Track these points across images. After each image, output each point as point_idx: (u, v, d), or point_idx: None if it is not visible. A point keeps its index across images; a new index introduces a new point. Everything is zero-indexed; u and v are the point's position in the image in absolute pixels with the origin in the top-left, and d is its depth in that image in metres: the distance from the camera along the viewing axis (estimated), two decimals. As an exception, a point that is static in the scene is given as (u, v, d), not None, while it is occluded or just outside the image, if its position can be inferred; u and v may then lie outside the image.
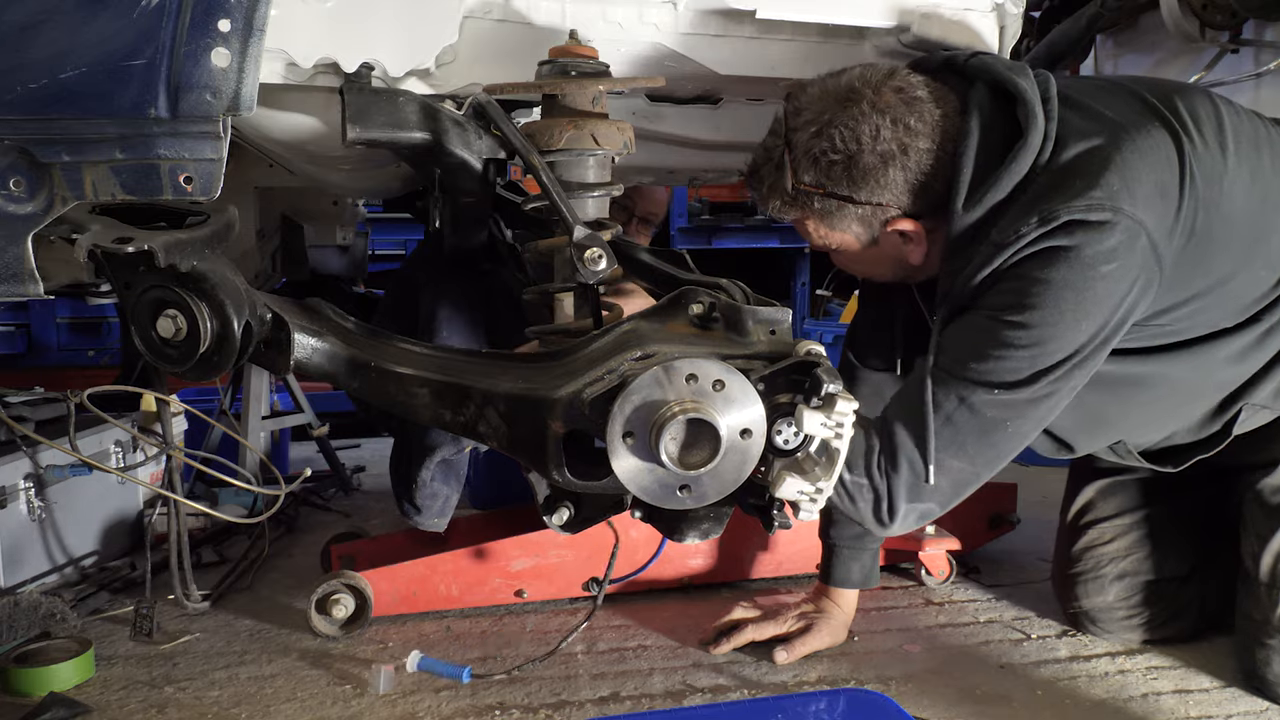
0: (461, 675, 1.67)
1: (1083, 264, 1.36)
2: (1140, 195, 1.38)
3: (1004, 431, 1.43)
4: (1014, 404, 1.41)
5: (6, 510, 2.01)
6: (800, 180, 1.48)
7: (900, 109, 1.43)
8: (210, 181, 1.11)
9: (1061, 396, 1.43)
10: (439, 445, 1.88)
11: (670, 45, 1.50)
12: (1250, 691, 1.68)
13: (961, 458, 1.43)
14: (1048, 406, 1.43)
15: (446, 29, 1.37)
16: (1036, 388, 1.40)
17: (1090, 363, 1.42)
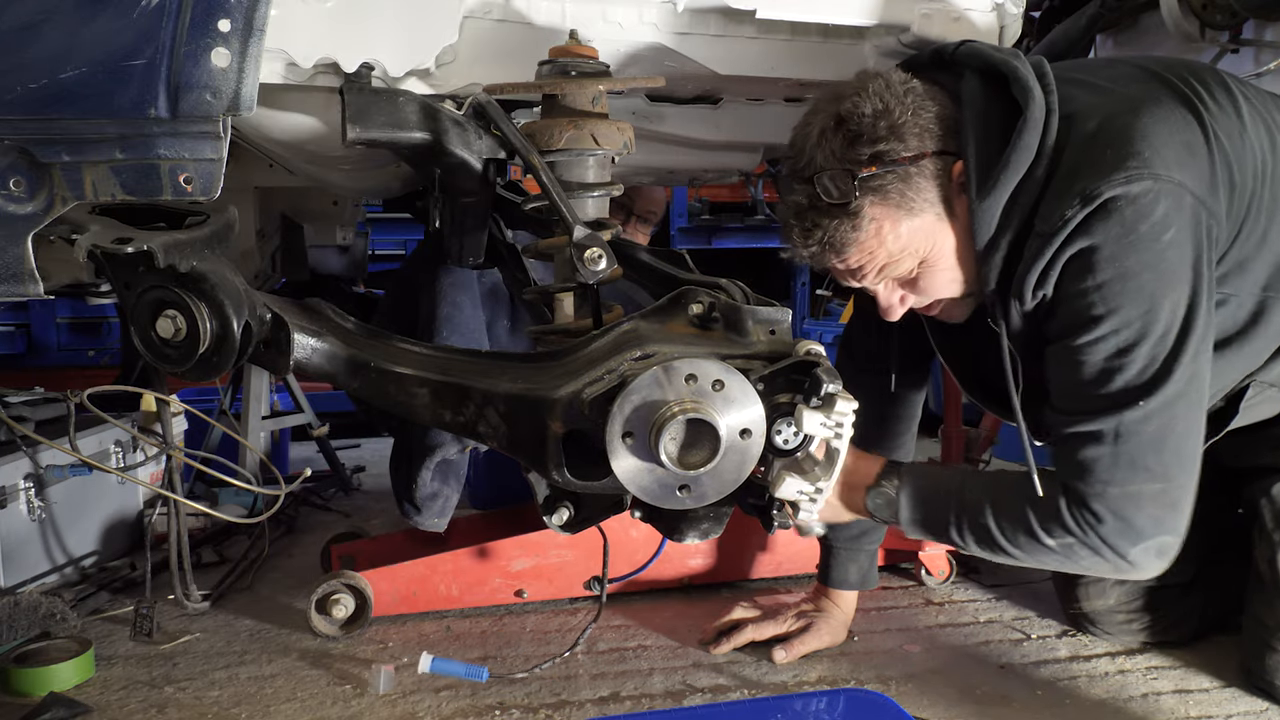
0: (481, 675, 1.65)
1: (1144, 243, 1.31)
2: (1171, 158, 1.33)
3: (1175, 432, 1.35)
4: (1167, 403, 1.33)
5: (6, 510, 2.01)
6: (854, 172, 1.36)
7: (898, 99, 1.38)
8: (210, 181, 1.11)
9: (1203, 368, 1.36)
10: (439, 445, 1.88)
11: (670, 45, 1.50)
12: (1253, 693, 1.68)
13: (1151, 480, 1.34)
14: (1198, 386, 1.36)
15: (446, 29, 1.37)
16: (1176, 376, 1.32)
17: (1207, 324, 1.35)
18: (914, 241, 1.43)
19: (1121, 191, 1.30)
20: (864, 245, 1.42)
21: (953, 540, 1.47)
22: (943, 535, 1.48)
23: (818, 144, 1.39)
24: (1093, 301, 1.34)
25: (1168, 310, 1.33)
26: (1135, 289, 1.32)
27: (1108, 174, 1.31)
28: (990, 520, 1.44)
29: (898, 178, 1.38)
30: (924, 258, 1.46)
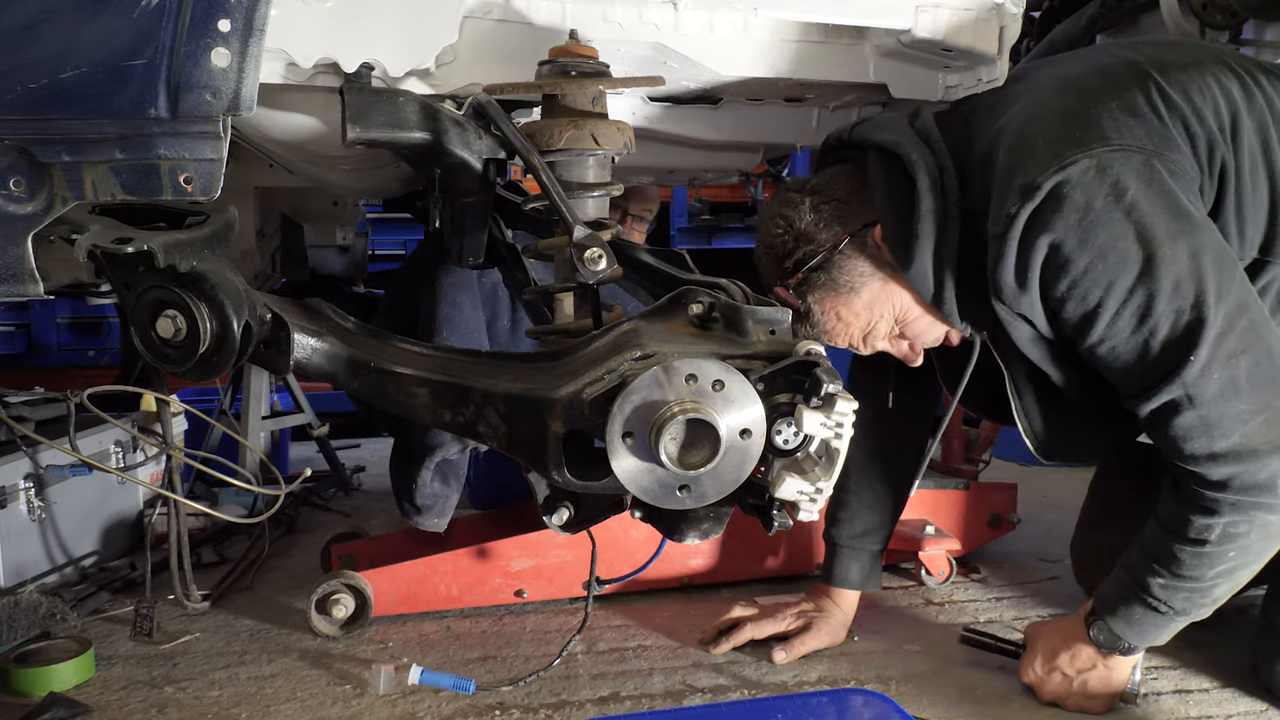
0: (467, 687, 1.63)
1: (1105, 216, 1.31)
2: (1108, 126, 1.35)
3: (1246, 363, 1.32)
4: (1219, 340, 1.31)
5: (6, 510, 2.01)
6: (788, 284, 1.55)
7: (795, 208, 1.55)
8: (210, 181, 1.11)
9: (1238, 288, 1.33)
10: (439, 445, 1.88)
11: (670, 45, 1.50)
12: (1252, 690, 1.68)
13: (1248, 418, 1.33)
14: (1243, 309, 1.33)
15: (446, 29, 1.37)
16: (1212, 312, 1.30)
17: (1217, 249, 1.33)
18: (875, 309, 1.55)
19: (1062, 178, 1.31)
20: (834, 331, 1.57)
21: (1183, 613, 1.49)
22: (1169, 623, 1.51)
23: (764, 275, 1.60)
24: (1086, 292, 1.35)
25: (1166, 259, 1.31)
26: (1118, 259, 1.32)
27: (1044, 165, 1.33)
28: (1166, 575, 1.46)
29: (824, 271, 1.52)
30: (896, 317, 1.55)
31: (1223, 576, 1.44)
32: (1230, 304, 1.32)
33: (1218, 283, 1.31)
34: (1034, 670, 1.63)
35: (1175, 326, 1.32)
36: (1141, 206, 1.31)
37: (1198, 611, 1.50)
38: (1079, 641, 1.57)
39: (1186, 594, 1.47)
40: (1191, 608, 1.49)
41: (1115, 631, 1.53)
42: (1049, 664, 1.61)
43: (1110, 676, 1.58)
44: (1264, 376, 1.33)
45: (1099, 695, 1.59)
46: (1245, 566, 1.44)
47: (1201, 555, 1.42)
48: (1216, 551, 1.41)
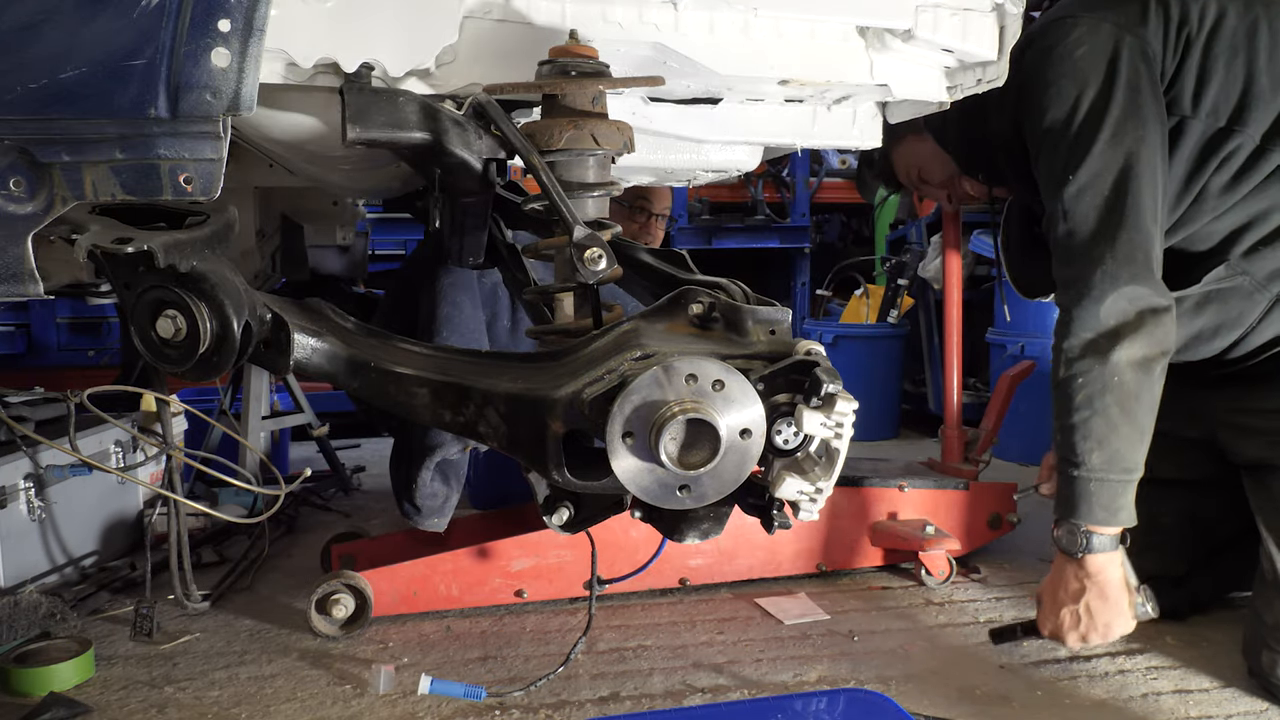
0: (479, 695, 1.63)
1: (1058, 58, 1.68)
2: (1098, 2, 1.71)
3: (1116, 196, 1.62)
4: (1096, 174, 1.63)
5: (6, 510, 2.01)
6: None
7: None
8: (210, 181, 1.11)
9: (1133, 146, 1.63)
10: (439, 445, 1.88)
11: (670, 45, 1.50)
12: (1252, 690, 1.68)
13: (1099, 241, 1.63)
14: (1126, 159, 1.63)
15: (446, 29, 1.37)
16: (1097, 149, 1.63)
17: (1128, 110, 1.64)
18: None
19: (1041, 30, 1.73)
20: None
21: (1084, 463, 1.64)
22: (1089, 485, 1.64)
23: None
24: (1032, 111, 1.72)
25: (1086, 104, 1.66)
26: (1055, 93, 1.69)
27: (1041, 23, 1.75)
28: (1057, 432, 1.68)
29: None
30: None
31: (1082, 409, 1.63)
32: (1117, 146, 1.63)
33: (1114, 127, 1.64)
34: (1047, 620, 1.72)
35: (1071, 152, 1.65)
36: (1089, 58, 1.67)
37: (1095, 458, 1.63)
38: (1060, 567, 1.70)
39: (1071, 438, 1.64)
40: (1086, 453, 1.63)
41: (1068, 525, 1.66)
42: (1052, 606, 1.70)
43: (1103, 592, 1.65)
44: (1128, 211, 1.62)
45: (1104, 614, 1.66)
46: (1095, 397, 1.62)
47: (1060, 390, 1.66)
48: (1066, 377, 1.64)
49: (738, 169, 2.14)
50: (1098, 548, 1.64)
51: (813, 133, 1.88)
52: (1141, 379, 1.62)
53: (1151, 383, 1.64)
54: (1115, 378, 1.61)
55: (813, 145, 1.89)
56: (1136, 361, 1.61)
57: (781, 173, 5.25)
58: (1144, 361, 1.61)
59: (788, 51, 1.58)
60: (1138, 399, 1.63)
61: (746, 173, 2.35)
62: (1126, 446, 1.63)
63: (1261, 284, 1.74)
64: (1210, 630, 1.94)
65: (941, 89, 1.71)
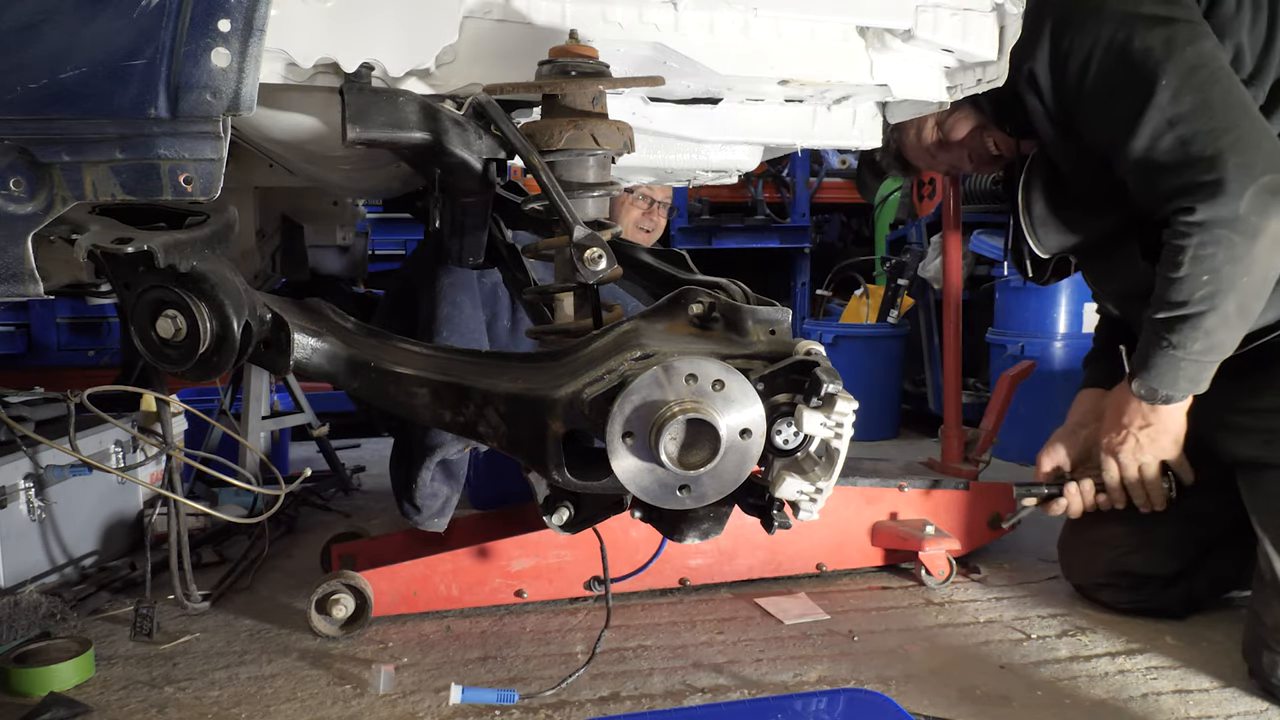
0: (512, 698, 1.62)
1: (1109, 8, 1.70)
2: None
3: (1215, 91, 1.63)
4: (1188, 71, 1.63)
5: (6, 510, 2.01)
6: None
7: None
8: (210, 181, 1.11)
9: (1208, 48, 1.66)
10: (439, 445, 1.88)
11: (670, 45, 1.50)
12: (1252, 690, 1.68)
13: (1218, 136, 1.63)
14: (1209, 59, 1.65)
15: (446, 29, 1.37)
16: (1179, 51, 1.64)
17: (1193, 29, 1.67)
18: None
19: None
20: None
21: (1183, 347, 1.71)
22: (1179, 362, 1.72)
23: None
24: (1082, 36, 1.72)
25: (1147, 17, 1.67)
26: (1110, 13, 1.70)
27: None
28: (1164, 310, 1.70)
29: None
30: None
31: (1203, 301, 1.66)
32: (1198, 49, 1.64)
33: (1186, 36, 1.65)
34: (1108, 434, 1.89)
35: (1146, 58, 1.66)
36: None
37: (1196, 346, 1.69)
38: (1130, 400, 1.81)
39: (1180, 324, 1.69)
40: (1189, 340, 1.69)
41: (1148, 383, 1.76)
42: (1115, 425, 1.86)
43: (1166, 428, 1.81)
44: (1232, 103, 1.63)
45: (1161, 442, 1.83)
46: (1220, 293, 1.64)
47: (1179, 281, 1.67)
48: (1190, 274, 1.65)
49: (738, 169, 2.14)
50: (1174, 401, 1.77)
51: (813, 133, 1.88)
52: (1268, 276, 1.66)
53: (1274, 276, 1.67)
54: (1245, 277, 1.63)
55: (813, 145, 1.89)
56: (1270, 261, 1.64)
57: (781, 173, 5.25)
58: (1274, 263, 1.64)
59: (788, 51, 1.58)
60: (1258, 296, 1.67)
61: (746, 173, 2.35)
62: (1230, 337, 1.69)
63: None
64: (1210, 630, 1.94)
65: (941, 89, 1.71)
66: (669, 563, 2.10)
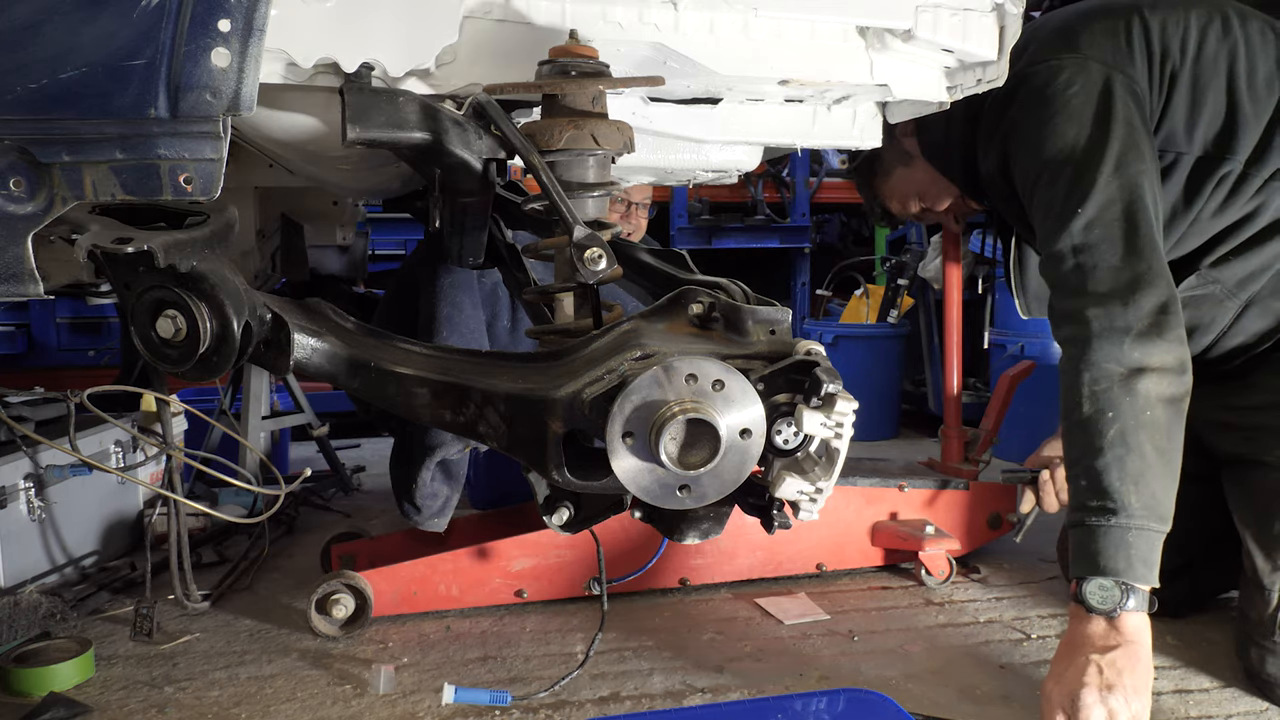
0: (504, 699, 1.61)
1: (1053, 100, 1.69)
2: (1084, 42, 1.72)
3: (1125, 228, 1.60)
4: (1104, 205, 1.61)
5: (6, 510, 2.01)
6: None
7: None
8: (210, 181, 1.11)
9: (1135, 177, 1.62)
10: (439, 445, 1.88)
11: (670, 45, 1.50)
12: (1249, 689, 1.68)
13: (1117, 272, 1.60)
14: (1132, 189, 1.62)
15: (446, 29, 1.37)
16: (1102, 182, 1.62)
17: (1128, 143, 1.64)
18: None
19: (1031, 71, 1.73)
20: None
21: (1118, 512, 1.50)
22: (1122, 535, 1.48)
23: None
24: (1026, 149, 1.73)
25: (1084, 139, 1.65)
26: (1051, 130, 1.68)
27: (1027, 64, 1.74)
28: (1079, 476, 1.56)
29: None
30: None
31: (1115, 446, 1.50)
32: (1121, 178, 1.62)
33: (1116, 159, 1.63)
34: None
35: (1074, 187, 1.63)
36: (1081, 97, 1.68)
37: (1135, 503, 1.46)
38: (1084, 625, 1.47)
39: (1100, 485, 1.49)
40: (1124, 496, 1.47)
41: (1099, 581, 1.46)
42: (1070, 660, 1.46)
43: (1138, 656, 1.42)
44: (1140, 239, 1.60)
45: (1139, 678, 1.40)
46: (1130, 430, 1.50)
47: (1085, 427, 1.53)
48: (1094, 412, 1.53)
49: (738, 169, 2.14)
50: (1135, 606, 1.44)
51: (813, 133, 1.88)
52: (1173, 415, 1.53)
53: (1181, 420, 1.54)
54: (1148, 413, 1.50)
55: (813, 145, 1.89)
56: (1167, 397, 1.52)
57: (781, 173, 5.25)
58: (1175, 397, 1.53)
59: (788, 51, 1.58)
60: (1169, 438, 1.51)
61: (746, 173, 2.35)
62: (1163, 492, 1.49)
63: (1232, 291, 1.77)
64: (1210, 630, 1.94)
65: (941, 89, 1.71)
66: (669, 563, 2.10)
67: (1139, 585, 1.46)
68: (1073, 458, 1.56)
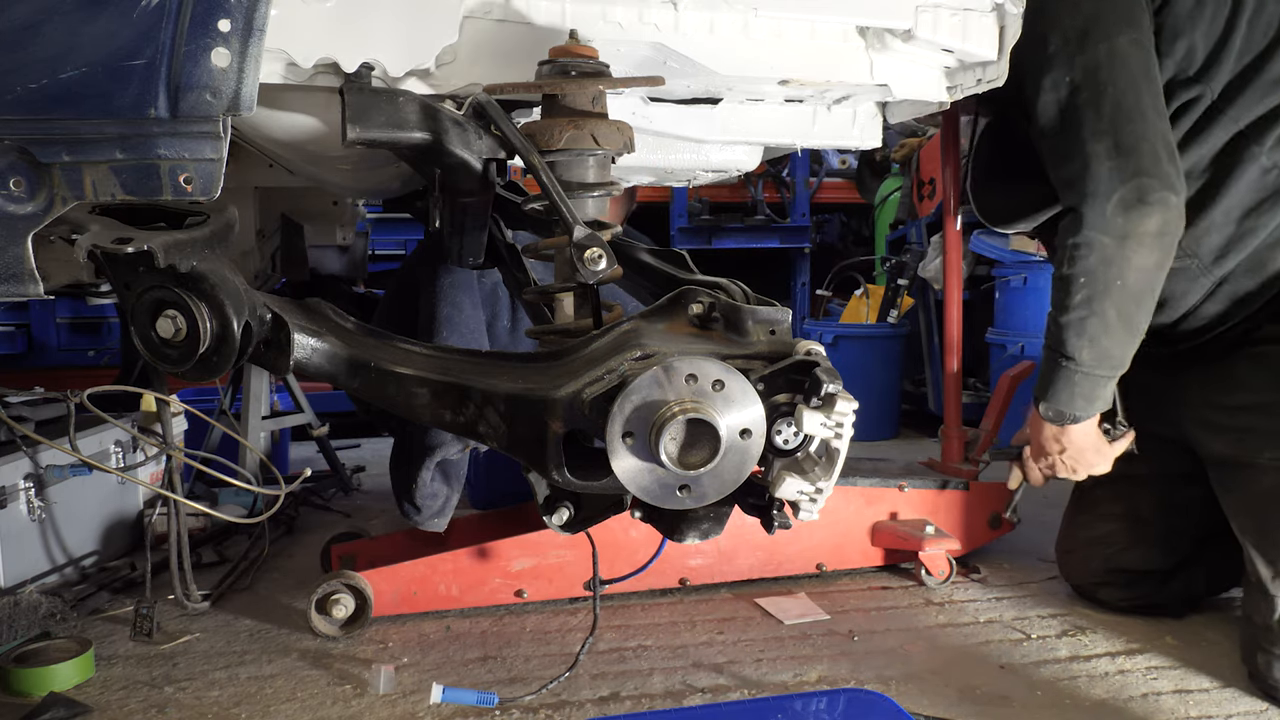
0: (491, 701, 1.61)
1: None
2: None
3: (1110, 93, 1.63)
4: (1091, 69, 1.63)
5: (6, 510, 2.01)
6: None
7: None
8: (210, 181, 1.11)
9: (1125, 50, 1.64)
10: (439, 445, 1.88)
11: (670, 45, 1.50)
12: (1251, 690, 1.68)
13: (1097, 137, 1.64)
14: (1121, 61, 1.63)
15: (446, 29, 1.37)
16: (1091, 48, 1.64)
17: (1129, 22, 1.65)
18: None
19: None
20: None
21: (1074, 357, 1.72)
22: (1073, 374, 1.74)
23: None
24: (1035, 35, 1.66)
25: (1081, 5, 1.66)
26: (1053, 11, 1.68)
27: None
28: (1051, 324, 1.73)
29: None
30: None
31: (1083, 306, 1.67)
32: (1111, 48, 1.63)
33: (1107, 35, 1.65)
34: (1033, 465, 1.96)
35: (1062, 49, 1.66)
36: None
37: (1086, 356, 1.71)
38: (1042, 427, 1.86)
39: (1066, 333, 1.70)
40: (1078, 350, 1.71)
41: (1052, 405, 1.79)
42: (1039, 453, 1.91)
43: (1080, 452, 1.84)
44: (1124, 107, 1.62)
45: (1082, 463, 1.87)
46: (1097, 296, 1.66)
47: (1062, 282, 1.69)
48: (1070, 275, 1.67)
49: (738, 169, 2.14)
50: (1076, 424, 1.79)
51: (813, 133, 1.89)
52: (1144, 281, 1.65)
53: (1155, 284, 1.66)
54: (1119, 281, 1.63)
55: (813, 145, 1.89)
56: (1142, 266, 1.62)
57: (781, 173, 5.25)
58: (1151, 267, 1.63)
59: (788, 51, 1.58)
60: (1138, 303, 1.66)
61: (746, 173, 2.35)
62: (1117, 347, 1.69)
63: (1207, 268, 1.77)
64: (1210, 630, 1.94)
65: (941, 89, 1.71)
66: (669, 563, 2.10)
67: (1081, 415, 1.79)
68: (1051, 303, 1.75)
